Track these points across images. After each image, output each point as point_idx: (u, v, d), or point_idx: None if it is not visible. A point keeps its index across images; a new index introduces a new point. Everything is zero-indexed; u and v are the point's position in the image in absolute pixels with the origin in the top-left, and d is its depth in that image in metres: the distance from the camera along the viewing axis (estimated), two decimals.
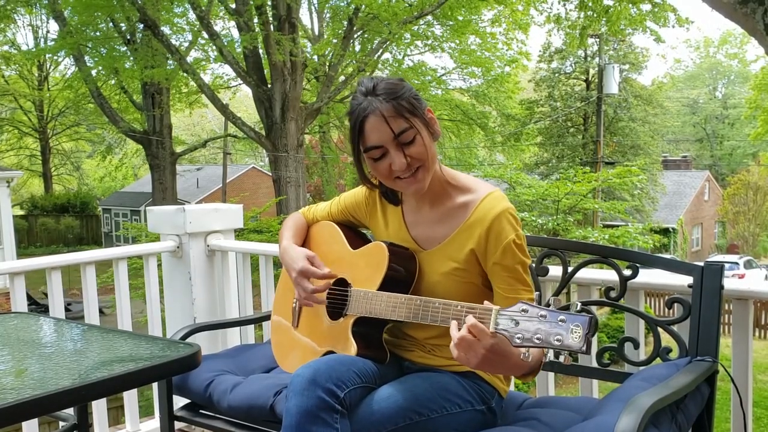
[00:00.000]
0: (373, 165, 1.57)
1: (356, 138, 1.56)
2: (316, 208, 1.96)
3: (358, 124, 1.54)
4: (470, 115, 19.20)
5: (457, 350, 1.32)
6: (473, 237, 1.57)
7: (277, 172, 13.64)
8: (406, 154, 1.52)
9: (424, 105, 1.58)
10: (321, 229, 1.90)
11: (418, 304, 1.52)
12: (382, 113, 1.51)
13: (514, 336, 1.27)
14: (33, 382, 1.32)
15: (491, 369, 1.37)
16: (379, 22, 13.70)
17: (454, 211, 1.63)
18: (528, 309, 1.27)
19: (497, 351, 1.31)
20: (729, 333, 1.86)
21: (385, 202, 1.76)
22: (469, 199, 1.61)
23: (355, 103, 1.55)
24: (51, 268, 2.58)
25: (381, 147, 1.53)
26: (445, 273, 1.61)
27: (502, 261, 1.55)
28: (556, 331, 1.22)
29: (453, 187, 1.65)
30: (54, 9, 14.88)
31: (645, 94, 25.11)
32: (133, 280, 3.83)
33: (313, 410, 1.40)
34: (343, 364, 1.51)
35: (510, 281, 1.55)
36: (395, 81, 1.56)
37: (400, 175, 1.55)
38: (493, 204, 1.57)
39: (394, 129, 1.51)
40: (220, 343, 2.97)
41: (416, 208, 1.69)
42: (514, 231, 1.55)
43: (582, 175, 13.42)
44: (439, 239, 1.63)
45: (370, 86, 1.54)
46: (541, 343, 1.23)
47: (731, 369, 1.83)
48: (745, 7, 3.50)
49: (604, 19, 10.29)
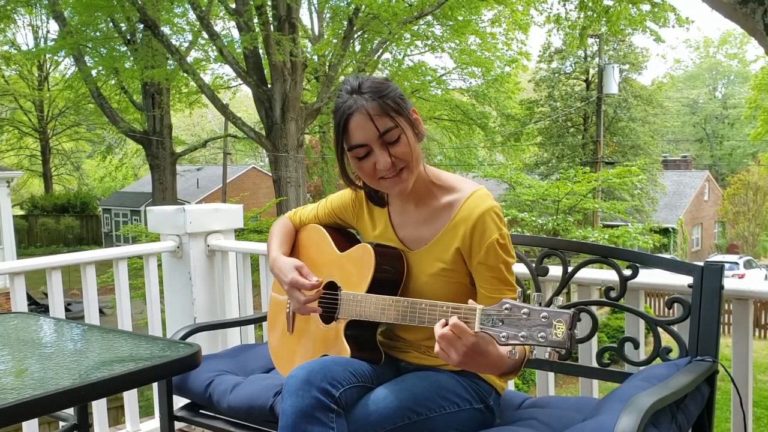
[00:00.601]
0: (358, 164, 1.55)
1: (340, 136, 1.54)
2: (302, 212, 1.94)
3: (343, 121, 1.52)
4: (470, 115, 19.20)
5: (439, 347, 1.32)
6: (458, 236, 1.57)
7: (277, 172, 13.63)
8: (391, 153, 1.51)
9: (410, 105, 1.57)
10: (308, 233, 1.89)
11: (405, 305, 1.51)
12: (367, 111, 1.49)
13: (499, 335, 1.27)
14: (33, 382, 1.32)
15: (473, 367, 1.37)
16: (379, 22, 13.70)
17: (439, 211, 1.62)
18: (511, 307, 1.28)
19: (479, 350, 1.31)
20: (729, 333, 1.86)
21: (371, 204, 1.75)
22: (454, 198, 1.60)
23: (340, 101, 1.53)
24: (51, 268, 2.58)
25: (365, 146, 1.51)
26: (432, 274, 1.60)
27: (486, 260, 1.54)
28: (540, 329, 1.23)
29: (437, 186, 1.63)
30: (54, 9, 14.88)
31: (645, 94, 25.11)
32: (133, 280, 3.83)
33: (308, 410, 1.40)
34: (338, 364, 1.51)
35: (493, 281, 1.55)
36: (381, 80, 1.55)
37: (385, 175, 1.53)
38: (477, 203, 1.57)
39: (379, 127, 1.49)
40: (220, 343, 2.97)
41: (402, 210, 1.69)
42: (498, 230, 1.54)
43: (582, 175, 13.42)
44: (426, 240, 1.63)
45: (356, 84, 1.52)
46: (525, 340, 1.24)
47: (731, 369, 1.83)
48: (744, 7, 3.50)
49: (604, 19, 10.29)
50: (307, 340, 1.79)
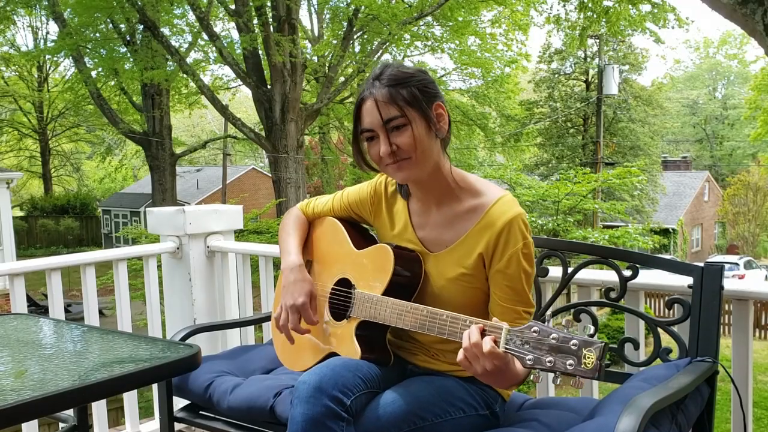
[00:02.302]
0: (368, 148, 1.59)
1: (355, 120, 1.58)
2: (316, 203, 1.91)
3: (357, 106, 1.57)
4: (470, 116, 19.21)
5: (464, 356, 1.33)
6: (482, 241, 1.54)
7: (277, 173, 13.63)
8: (392, 141, 1.52)
9: (434, 99, 1.55)
10: (323, 226, 1.87)
11: (425, 314, 1.49)
12: (375, 98, 1.52)
13: (525, 357, 1.27)
14: (33, 383, 1.32)
15: (491, 381, 1.38)
16: (378, 23, 13.71)
17: (463, 215, 1.59)
18: (539, 330, 1.26)
19: (501, 367, 1.32)
20: (729, 333, 1.86)
21: (391, 201, 1.73)
22: (479, 202, 1.58)
23: (362, 86, 1.58)
24: (51, 270, 2.58)
25: (371, 131, 1.54)
26: (451, 278, 1.58)
27: (506, 269, 1.52)
28: (568, 356, 1.22)
29: (462, 189, 1.61)
30: (54, 10, 14.88)
31: (645, 94, 25.12)
32: (133, 281, 3.83)
33: (319, 418, 1.38)
34: (348, 369, 1.48)
35: (508, 291, 1.53)
36: (408, 69, 1.55)
37: (387, 161, 1.54)
38: (504, 209, 1.54)
39: (383, 115, 1.51)
40: (220, 344, 2.97)
41: (423, 209, 1.66)
42: (524, 239, 1.52)
43: (582, 175, 13.44)
44: (447, 243, 1.60)
45: (378, 72, 1.56)
46: (553, 366, 1.23)
47: (731, 369, 1.83)
48: (744, 7, 3.50)
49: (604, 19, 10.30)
50: (314, 335, 1.76)
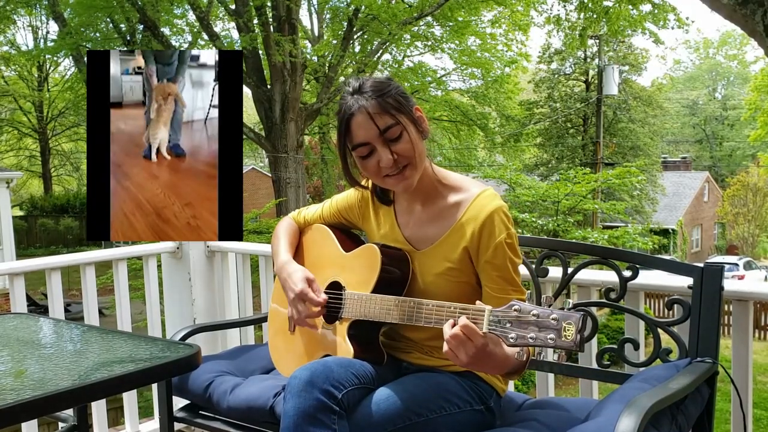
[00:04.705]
0: (362, 163, 1.58)
1: (343, 137, 1.57)
2: (306, 212, 1.95)
3: (345, 122, 1.55)
4: (470, 116, 19.18)
5: (447, 347, 1.34)
6: (466, 236, 1.57)
7: (277, 173, 13.63)
8: (393, 150, 1.53)
9: (412, 103, 1.59)
10: (313, 232, 1.90)
11: (411, 306, 1.52)
12: (367, 110, 1.52)
13: (508, 336, 1.28)
14: (32, 383, 1.32)
15: (480, 368, 1.40)
16: (378, 23, 13.71)
17: (446, 211, 1.63)
18: (520, 308, 1.28)
19: (487, 351, 1.33)
20: (729, 334, 1.86)
21: (377, 203, 1.76)
22: (461, 198, 1.62)
23: (343, 102, 1.57)
24: (50, 269, 2.58)
25: (368, 144, 1.54)
26: (438, 273, 1.61)
27: (493, 260, 1.55)
28: (550, 330, 1.23)
29: (444, 186, 1.65)
30: (54, 10, 14.87)
31: (644, 95, 25.11)
32: (133, 281, 3.83)
33: (310, 411, 1.40)
34: (340, 365, 1.51)
35: (499, 280, 1.56)
36: (382, 79, 1.57)
37: (389, 172, 1.55)
38: (485, 202, 1.58)
39: (379, 125, 1.52)
40: (220, 344, 2.97)
41: (408, 209, 1.69)
42: (506, 230, 1.56)
43: (582, 176, 13.42)
44: (432, 239, 1.63)
45: (357, 85, 1.56)
46: (534, 342, 1.25)
47: (731, 370, 1.83)
48: (744, 8, 3.50)
49: (604, 20, 10.30)
50: (308, 340, 1.79)
